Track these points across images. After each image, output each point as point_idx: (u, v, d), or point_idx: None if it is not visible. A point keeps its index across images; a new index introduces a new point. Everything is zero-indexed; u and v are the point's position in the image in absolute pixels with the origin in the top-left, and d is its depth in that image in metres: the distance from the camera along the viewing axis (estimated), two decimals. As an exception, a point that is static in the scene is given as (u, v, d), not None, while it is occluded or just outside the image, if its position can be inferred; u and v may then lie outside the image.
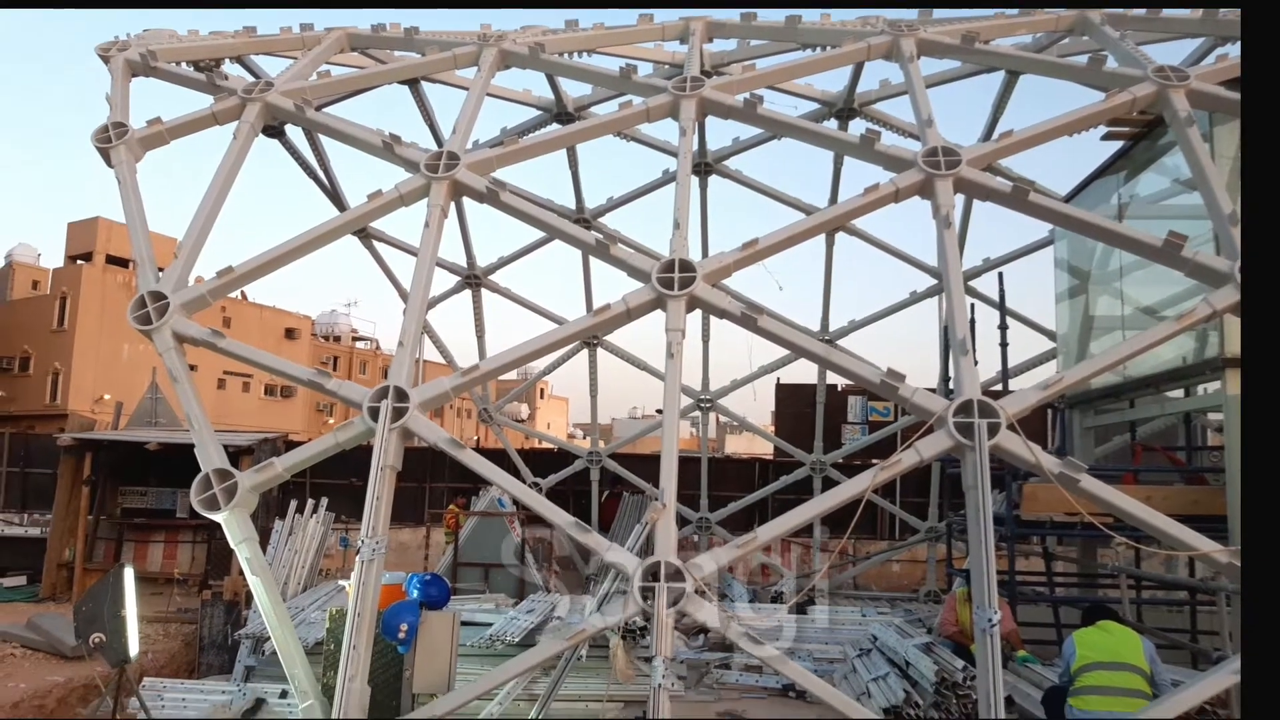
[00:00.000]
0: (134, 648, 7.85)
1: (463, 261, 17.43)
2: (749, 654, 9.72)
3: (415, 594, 7.57)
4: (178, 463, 7.20)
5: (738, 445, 42.94)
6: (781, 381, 23.35)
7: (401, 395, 6.96)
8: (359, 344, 59.87)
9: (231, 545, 7.15)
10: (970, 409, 6.18)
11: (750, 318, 6.92)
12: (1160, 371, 9.60)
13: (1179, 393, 9.98)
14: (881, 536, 19.43)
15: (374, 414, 6.95)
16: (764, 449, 28.26)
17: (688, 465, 20.00)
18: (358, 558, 6.76)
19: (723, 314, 7.08)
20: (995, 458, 9.29)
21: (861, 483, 6.50)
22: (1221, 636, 7.84)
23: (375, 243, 16.43)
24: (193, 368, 8.78)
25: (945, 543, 12.48)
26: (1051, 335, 13.63)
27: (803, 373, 23.16)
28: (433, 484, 22.63)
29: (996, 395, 6.48)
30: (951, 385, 7.14)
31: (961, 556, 10.80)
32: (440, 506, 20.24)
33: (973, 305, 13.19)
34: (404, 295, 11.85)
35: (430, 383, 7.46)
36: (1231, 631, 7.85)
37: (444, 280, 17.50)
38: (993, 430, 6.11)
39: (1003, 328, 10.29)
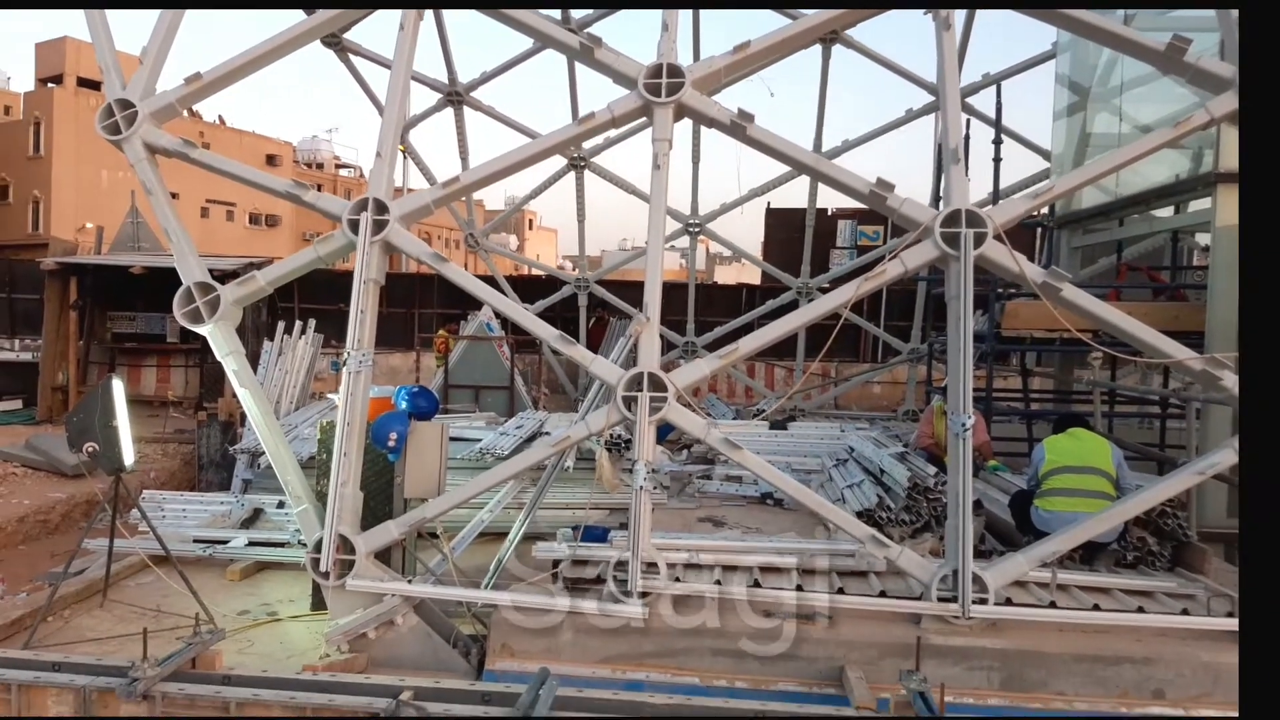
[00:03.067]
0: (129, 457, 8.03)
1: (444, 78, 16.79)
2: (730, 465, 10.18)
3: (404, 405, 7.70)
4: (164, 287, 7.16)
5: (727, 278, 43.01)
6: (772, 206, 23.11)
7: (381, 208, 6.82)
8: (342, 171, 58.71)
9: (218, 357, 7.19)
10: (958, 219, 6.11)
11: (740, 126, 6.72)
12: (1151, 188, 9.50)
13: (1168, 211, 9.93)
14: (864, 359, 19.79)
15: (354, 227, 6.85)
16: (752, 278, 28.25)
17: (675, 291, 20.03)
18: (344, 369, 6.83)
19: (711, 122, 6.87)
20: (979, 275, 9.31)
21: (845, 293, 6.52)
22: (1189, 449, 8.09)
23: (353, 57, 15.76)
24: (174, 196, 8.58)
25: (926, 364, 12.72)
26: (1046, 155, 13.40)
27: (793, 197, 22.84)
28: (422, 309, 22.71)
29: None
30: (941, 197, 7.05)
31: (941, 376, 11.03)
32: (430, 332, 20.41)
33: (968, 121, 12.91)
34: (381, 109, 11.47)
35: (411, 195, 7.32)
36: (1198, 444, 8.13)
37: (425, 98, 16.96)
38: (979, 240, 6.07)
39: (997, 142, 10.10)
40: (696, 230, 17.71)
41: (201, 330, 7.04)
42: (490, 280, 18.22)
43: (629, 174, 17.31)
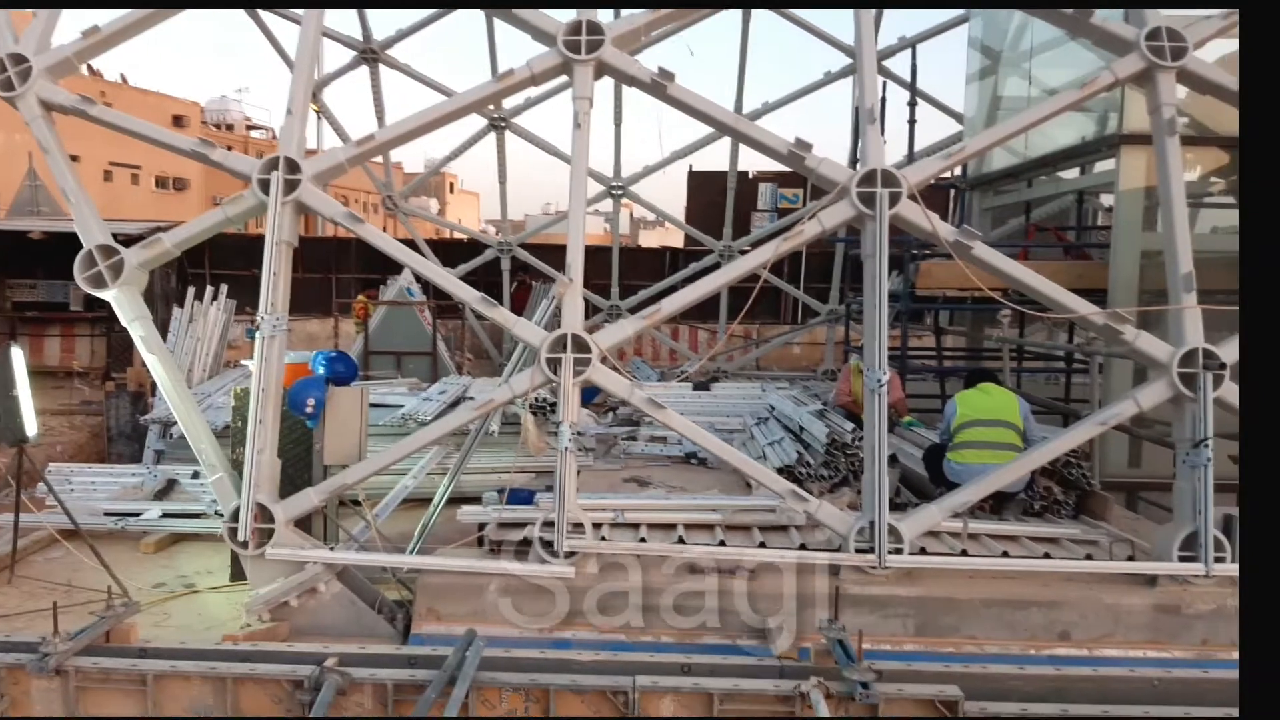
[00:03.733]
0: (31, 428, 7.70)
1: (359, 35, 16.30)
2: (654, 427, 10.27)
3: (321, 370, 7.54)
4: (66, 253, 6.81)
5: (651, 242, 42.99)
6: (694, 169, 23.16)
7: (293, 167, 6.61)
8: (254, 133, 56.60)
9: (124, 323, 6.93)
10: (873, 179, 6.21)
11: (660, 84, 6.69)
12: (1058, 150, 9.80)
13: (1074, 173, 10.27)
14: (784, 321, 20.07)
15: (265, 187, 6.64)
16: (676, 241, 28.32)
17: (599, 255, 19.97)
18: (257, 334, 6.65)
19: (631, 80, 6.82)
20: (895, 236, 9.51)
21: (764, 253, 6.58)
22: (1092, 402, 8.45)
23: (263, 14, 15.17)
24: (75, 159, 8.18)
25: (844, 324, 12.96)
26: (959, 118, 13.70)
27: (715, 160, 22.91)
28: (340, 275, 22.20)
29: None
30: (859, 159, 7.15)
31: (858, 336, 11.28)
32: (348, 297, 19.96)
33: (884, 84, 13.09)
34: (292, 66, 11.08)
35: (324, 153, 7.12)
36: (1101, 398, 8.51)
37: (339, 56, 16.45)
38: (894, 200, 6.18)
39: (912, 104, 10.28)
40: (619, 193, 17.64)
41: (105, 295, 6.77)
42: (410, 244, 17.90)
43: (551, 136, 17.03)
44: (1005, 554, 6.22)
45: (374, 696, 5.29)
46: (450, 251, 20.47)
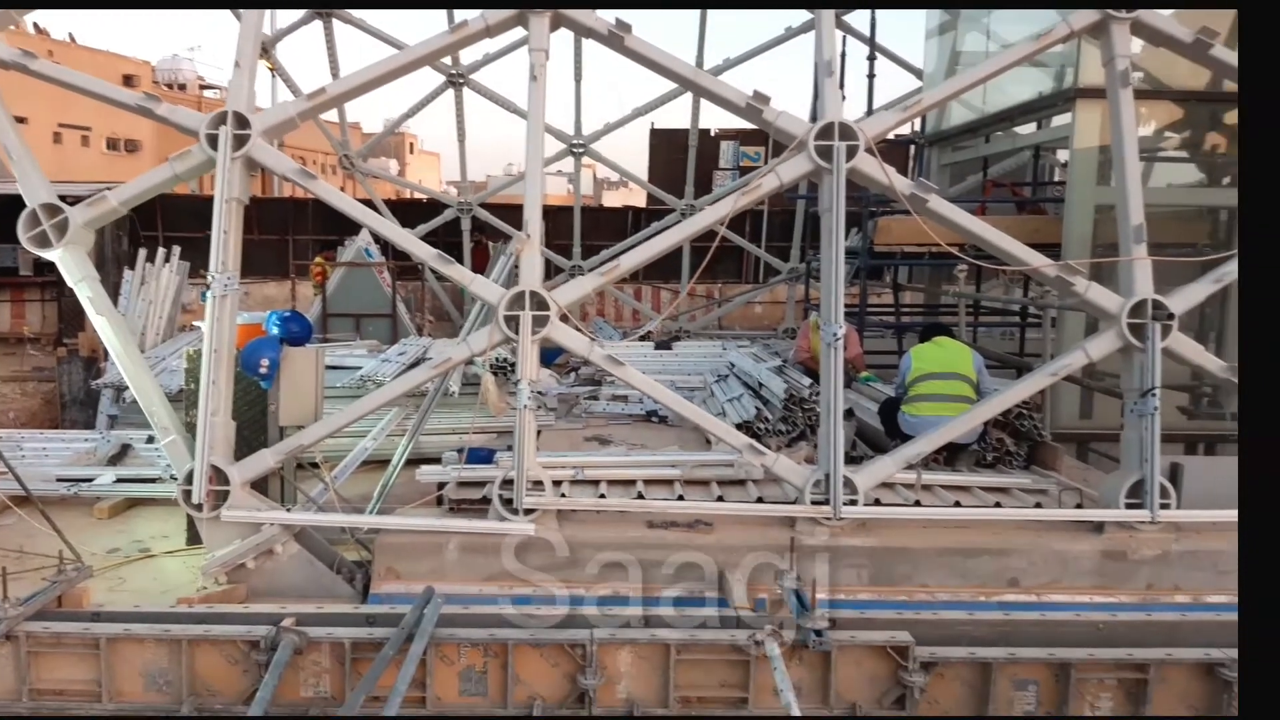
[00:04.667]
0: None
1: (311, -11, 15.88)
2: (616, 386, 10.28)
3: (275, 330, 7.44)
4: (12, 217, 6.58)
5: (614, 201, 42.74)
6: (655, 127, 22.96)
7: (242, 121, 6.46)
8: (207, 92, 55.16)
9: (70, 285, 6.76)
10: (831, 132, 6.19)
11: (617, 36, 6.60)
12: (1015, 105, 9.85)
13: (1031, 128, 10.34)
14: (746, 280, 20.08)
15: (213, 142, 6.48)
16: (639, 201, 28.15)
17: (561, 215, 19.83)
18: (208, 293, 6.53)
19: (589, 32, 6.71)
20: (854, 193, 9.51)
21: (723, 208, 6.56)
22: (1044, 354, 8.58)
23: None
24: (22, 121, 7.90)
25: (804, 283, 13.00)
26: (919, 73, 13.69)
27: (676, 117, 22.75)
28: (296, 236, 21.77)
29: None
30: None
31: (819, 294, 11.34)
32: (306, 259, 19.64)
33: (844, 39, 13.06)
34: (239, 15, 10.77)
35: (274, 108, 6.95)
36: (1053, 351, 8.64)
37: (294, 11, 16.01)
38: (851, 153, 6.17)
39: (871, 59, 10.26)
40: (580, 151, 17.45)
41: (50, 255, 6.60)
42: (368, 204, 17.63)
43: (512, 94, 16.76)
44: (957, 504, 6.32)
45: (332, 655, 5.30)
46: (410, 212, 20.14)
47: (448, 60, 16.74)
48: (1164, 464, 6.18)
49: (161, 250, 14.26)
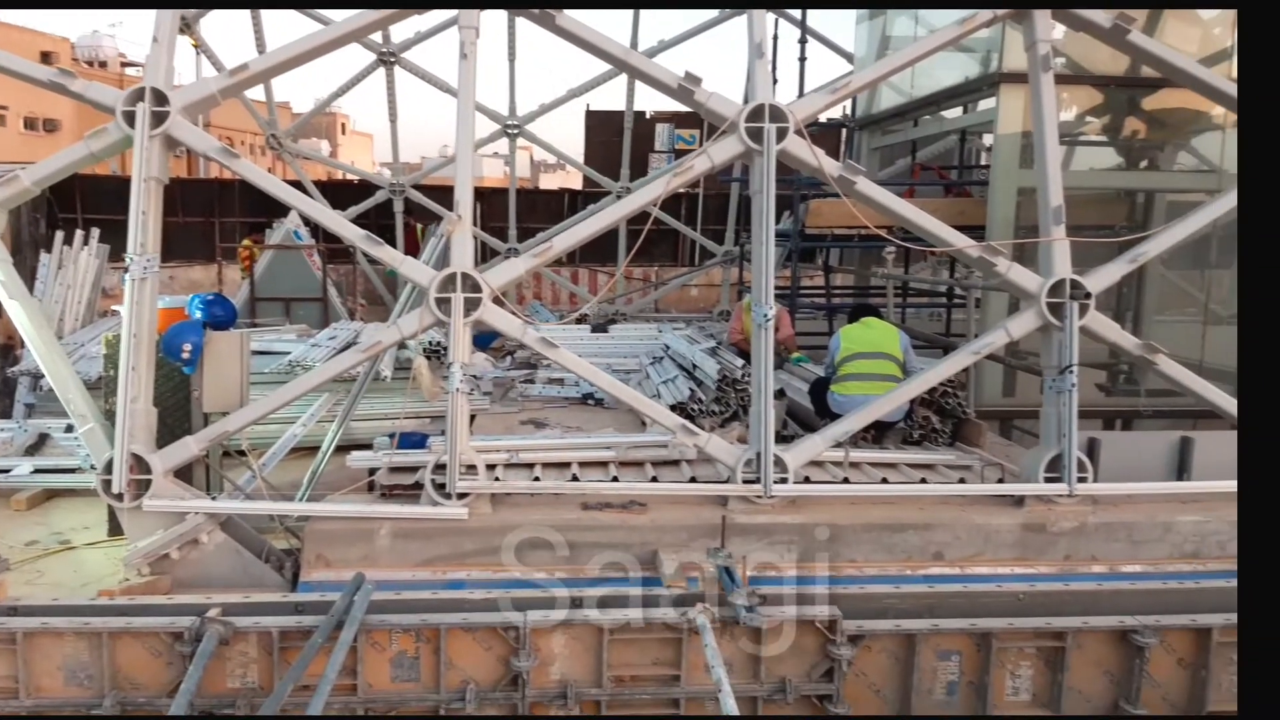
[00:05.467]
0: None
1: (232, -37, 15.41)
2: (552, 369, 10.25)
3: (198, 314, 7.25)
4: None
5: (551, 184, 42.44)
6: (591, 109, 22.86)
7: (160, 98, 6.26)
8: (130, 70, 53.26)
9: (-23, 267, 6.49)
10: (761, 114, 6.23)
11: (549, 14, 6.54)
12: (942, 90, 10.02)
13: (957, 112, 10.54)
14: (682, 263, 20.18)
15: (131, 120, 6.27)
16: (576, 184, 28.04)
17: (497, 197, 19.65)
18: (127, 276, 6.33)
19: (520, 9, 6.65)
20: (786, 176, 9.58)
21: (656, 189, 6.57)
22: (969, 334, 8.77)
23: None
24: None
25: (739, 265, 13.08)
26: (850, 57, 13.85)
27: (612, 99, 22.68)
28: (223, 218, 21.22)
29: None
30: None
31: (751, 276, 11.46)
32: (233, 242, 19.15)
33: (776, 22, 13.12)
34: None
35: (194, 84, 6.73)
36: (978, 330, 8.84)
37: (214, -14, 15.51)
38: (781, 135, 6.22)
39: (802, 41, 10.33)
40: (515, 132, 17.28)
41: (-44, 238, 6.33)
42: (297, 186, 17.24)
43: (445, 74, 16.49)
44: (884, 480, 6.46)
45: (259, 645, 5.21)
46: (341, 194, 19.75)
47: (378, 38, 16.43)
48: (1082, 439, 6.39)
49: (80, 233, 13.77)
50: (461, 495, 6.10)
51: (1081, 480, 6.20)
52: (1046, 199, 6.34)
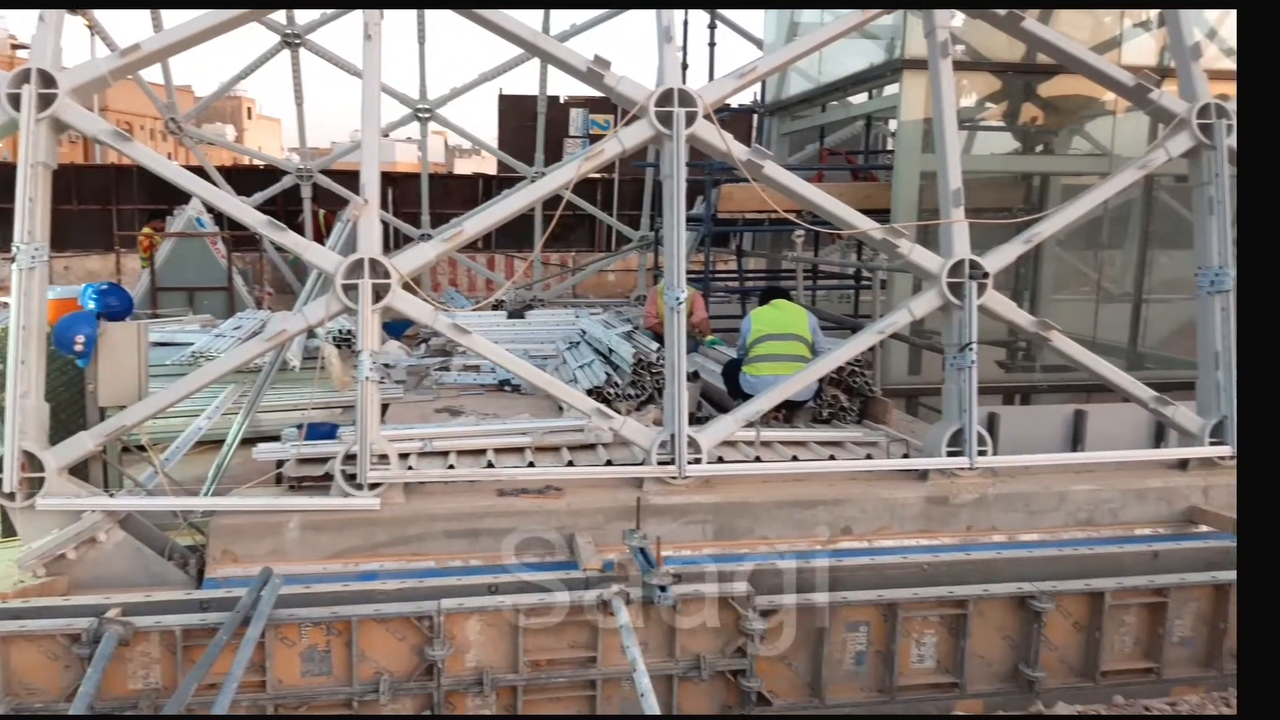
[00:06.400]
0: None
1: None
2: (468, 356, 10.14)
3: (92, 305, 6.95)
4: None
5: (467, 169, 41.88)
6: (504, 93, 22.62)
7: (48, 80, 5.97)
8: (21, 53, 50.62)
9: None
10: (670, 98, 6.26)
11: (455, -4, 6.45)
12: (848, 75, 10.22)
13: (863, 98, 10.76)
14: (599, 248, 20.21)
15: (15, 102, 5.97)
16: (492, 169, 27.74)
17: (410, 183, 19.33)
18: (14, 266, 6.04)
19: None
20: (699, 161, 9.64)
21: (567, 173, 6.56)
22: (874, 316, 9.00)
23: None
24: None
25: (654, 250, 13.15)
26: (760, 44, 14.00)
27: (525, 83, 22.48)
28: (121, 206, 20.43)
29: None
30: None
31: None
32: (132, 230, 18.44)
33: (686, 8, 13.14)
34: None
35: (82, 65, 6.44)
36: (883, 311, 9.07)
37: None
38: (690, 119, 6.26)
39: (711, 26, 10.41)
40: (426, 116, 17.01)
41: None
42: (199, 171, 16.68)
43: (353, 56, 16.12)
44: (795, 458, 6.60)
45: (162, 645, 5.05)
46: (247, 179, 19.19)
47: (283, 19, 15.97)
48: (983, 414, 6.63)
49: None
50: (373, 485, 6.00)
51: (982, 453, 6.42)
52: (946, 182, 6.53)
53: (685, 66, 11.90)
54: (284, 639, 5.12)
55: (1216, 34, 9.38)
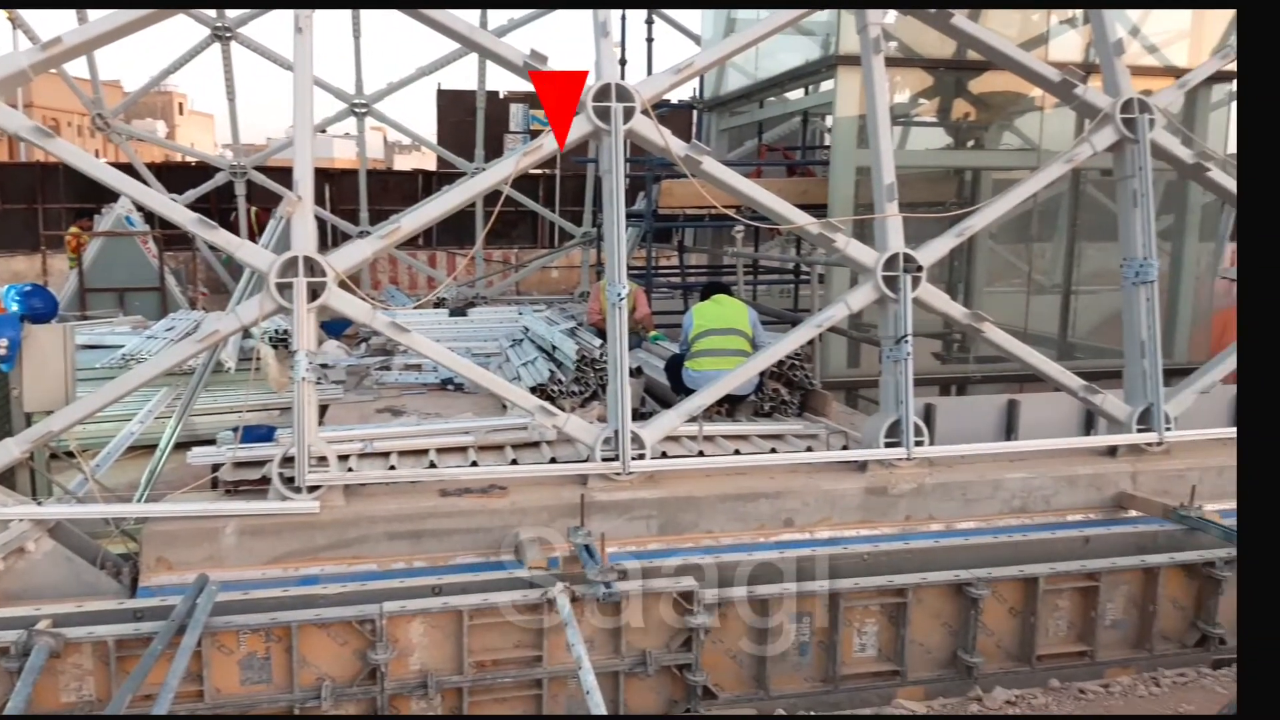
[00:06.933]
0: None
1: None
2: (409, 355, 10.02)
3: (15, 307, 6.73)
4: None
5: (406, 165, 41.35)
6: (443, 88, 22.40)
7: (-48, 72, 5.76)
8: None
9: None
10: (608, 93, 6.25)
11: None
12: (784, 72, 10.32)
13: (800, 94, 10.88)
14: (542, 245, 20.13)
15: (-83, 96, 5.75)
16: (432, 164, 27.45)
17: (348, 179, 19.03)
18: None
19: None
20: (640, 157, 9.64)
21: (506, 168, 6.50)
22: (813, 310, 9.10)
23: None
24: None
25: (597, 246, 13.13)
26: (698, 39, 14.08)
27: (464, 78, 22.26)
28: (47, 205, 19.81)
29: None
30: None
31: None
32: (59, 229, 17.90)
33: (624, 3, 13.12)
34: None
35: (0, 58, 6.22)
36: (821, 305, 9.19)
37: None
38: (628, 115, 6.26)
39: (649, 21, 10.42)
40: (363, 111, 16.77)
41: None
42: (129, 168, 16.25)
43: (286, 52, 15.77)
44: (737, 452, 6.64)
45: (94, 656, 4.93)
46: (178, 176, 18.75)
47: (213, 11, 15.61)
48: (920, 405, 6.75)
49: None
50: (312, 488, 5.90)
51: (919, 444, 6.54)
52: (880, 177, 6.62)
53: (624, 62, 11.88)
54: (221, 647, 5.03)
55: (1140, 31, 9.66)
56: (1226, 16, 9.45)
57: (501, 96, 21.43)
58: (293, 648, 5.04)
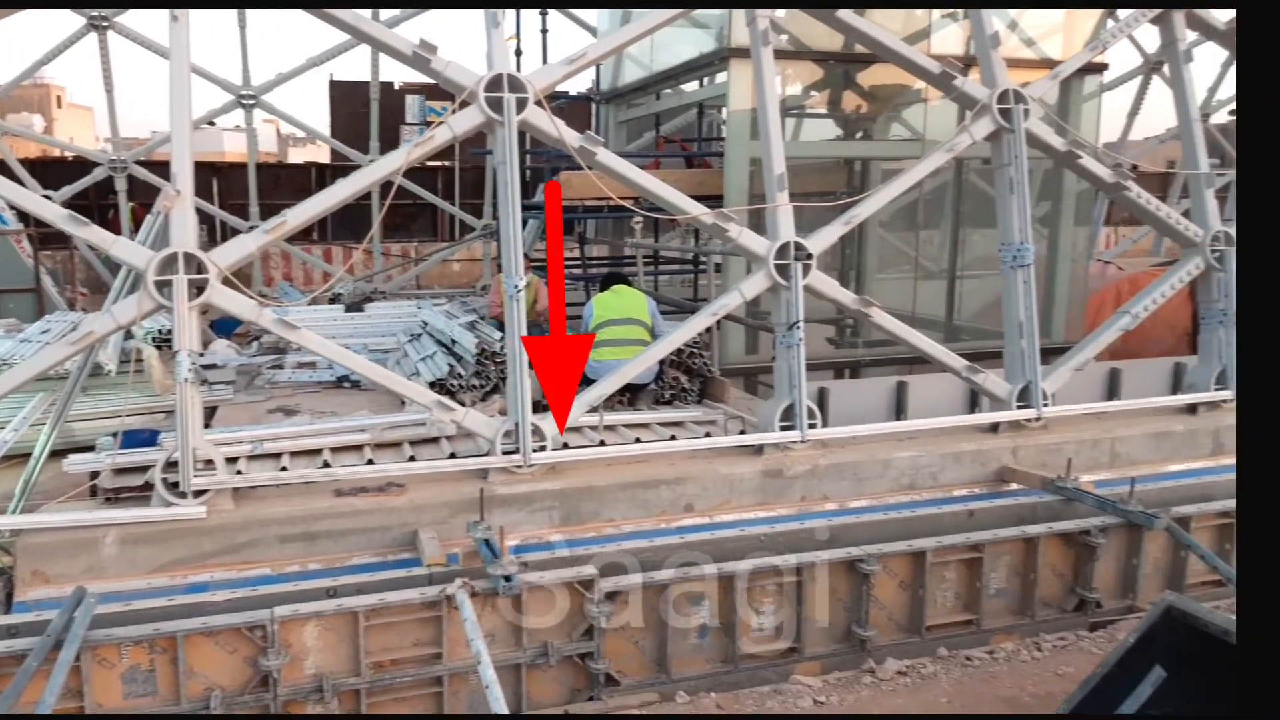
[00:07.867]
0: None
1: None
2: (303, 353, 9.76)
3: None
4: None
5: (301, 159, 40.15)
6: (335, 79, 21.81)
7: None
8: None
9: None
10: (500, 84, 6.19)
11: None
12: (680, 64, 10.40)
13: (695, 86, 10.98)
14: (442, 238, 19.83)
15: None
16: (326, 157, 26.72)
17: (237, 172, 18.39)
18: None
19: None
20: (537, 149, 9.58)
21: (396, 159, 6.38)
22: (710, 298, 9.22)
23: None
24: None
25: (497, 239, 12.95)
26: (594, 31, 14.06)
27: (357, 69, 21.77)
28: (-94, 204, 18.48)
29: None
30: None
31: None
32: (-81, 229, 16.74)
33: (520, -5, 13.00)
34: None
35: None
36: (718, 294, 9.31)
37: None
38: (521, 105, 6.22)
39: (544, 13, 10.36)
40: (251, 103, 16.20)
41: None
42: (0, 165, 15.40)
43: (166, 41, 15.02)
44: (638, 440, 6.69)
45: (-37, 676, 4.68)
46: (56, 172, 17.79)
47: (86, -1, 14.86)
48: (813, 389, 6.91)
49: None
50: (198, 493, 5.71)
51: (812, 426, 6.70)
52: (770, 167, 6.74)
53: (519, 53, 11.79)
54: (102, 661, 4.84)
55: (1017, 25, 10.05)
56: (1097, 12, 9.89)
57: (397, 88, 21.00)
58: (179, 658, 4.89)
